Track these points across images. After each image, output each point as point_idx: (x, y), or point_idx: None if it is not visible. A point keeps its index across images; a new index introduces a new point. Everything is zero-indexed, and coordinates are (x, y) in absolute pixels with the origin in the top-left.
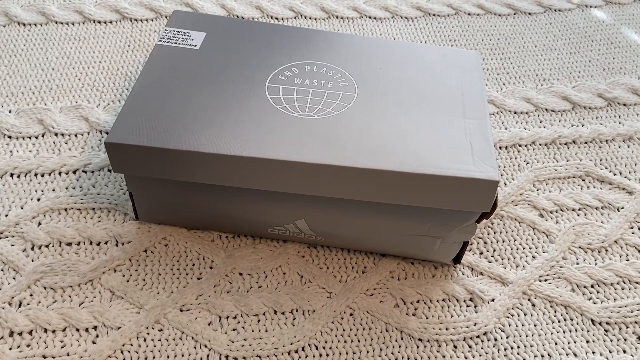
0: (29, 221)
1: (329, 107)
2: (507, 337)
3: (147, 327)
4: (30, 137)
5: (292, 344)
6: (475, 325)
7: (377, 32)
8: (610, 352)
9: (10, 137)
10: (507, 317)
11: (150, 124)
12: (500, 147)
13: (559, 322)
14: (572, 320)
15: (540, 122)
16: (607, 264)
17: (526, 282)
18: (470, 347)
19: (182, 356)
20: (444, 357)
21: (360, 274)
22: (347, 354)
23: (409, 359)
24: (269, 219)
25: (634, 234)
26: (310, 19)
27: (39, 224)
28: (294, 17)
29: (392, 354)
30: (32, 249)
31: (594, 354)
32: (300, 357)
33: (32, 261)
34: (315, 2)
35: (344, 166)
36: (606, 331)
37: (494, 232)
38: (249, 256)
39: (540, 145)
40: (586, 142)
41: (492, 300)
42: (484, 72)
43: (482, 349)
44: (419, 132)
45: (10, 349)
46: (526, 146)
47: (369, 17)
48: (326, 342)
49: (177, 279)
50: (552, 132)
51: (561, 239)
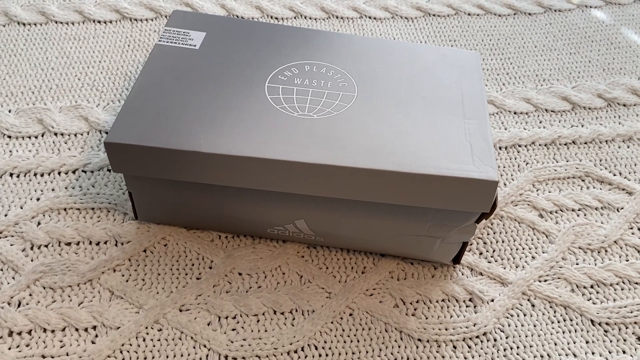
0: (28, 221)
1: (329, 107)
2: (506, 338)
3: (147, 327)
4: (29, 137)
5: (291, 344)
6: (474, 325)
7: (377, 32)
8: (609, 352)
9: (9, 137)
10: (507, 318)
11: (149, 124)
12: (499, 148)
13: (559, 322)
14: (571, 320)
15: (540, 122)
16: (607, 264)
17: (526, 283)
18: (469, 347)
19: (182, 356)
20: (444, 357)
21: (359, 274)
22: (346, 354)
23: (408, 359)
24: (268, 219)
25: (633, 234)
26: (310, 19)
27: (39, 223)
28: (294, 17)
29: (392, 354)
30: (32, 248)
31: (593, 354)
32: (299, 357)
33: (32, 261)
34: (315, 2)
35: (344, 166)
36: (606, 332)
37: (494, 233)
38: (248, 256)
39: (540, 145)
40: (586, 143)
41: (492, 300)
42: (483, 73)
43: (481, 349)
44: (419, 132)
45: (9, 349)
46: (526, 146)
47: (369, 17)
48: (325, 342)
49: (176, 279)
50: (551, 133)
51: (561, 239)
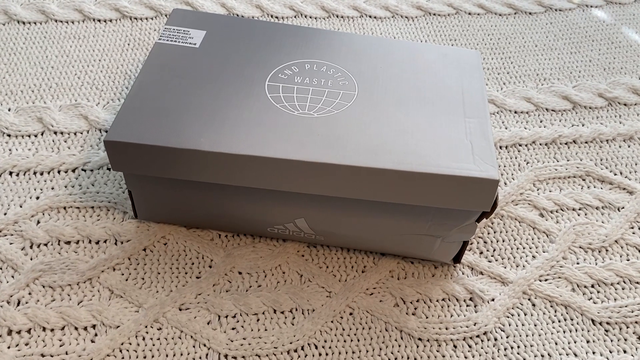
0: (28, 219)
1: (329, 106)
2: (507, 337)
3: (146, 326)
4: (29, 136)
5: (291, 343)
6: (475, 324)
7: (378, 31)
8: (610, 352)
9: (9, 135)
10: (507, 317)
11: (149, 123)
12: (500, 147)
13: (559, 322)
14: (572, 320)
15: (540, 121)
16: (608, 263)
17: (526, 282)
18: (470, 346)
19: (181, 355)
20: (444, 356)
21: (360, 273)
22: (346, 353)
23: (408, 358)
24: (268, 218)
25: (634, 233)
26: (310, 18)
27: (38, 222)
28: (294, 16)
29: (392, 354)
30: (31, 247)
31: (594, 354)
32: (299, 357)
33: (31, 259)
34: (315, 1)
35: (344, 165)
36: (606, 331)
37: (494, 232)
38: (248, 255)
39: (540, 144)
40: (587, 142)
41: (492, 299)
42: (484, 72)
43: (482, 348)
44: (419, 131)
45: (8, 348)
46: (526, 146)
47: (369, 16)
48: (325, 341)
49: (176, 278)
50: (552, 132)
51: (561, 238)
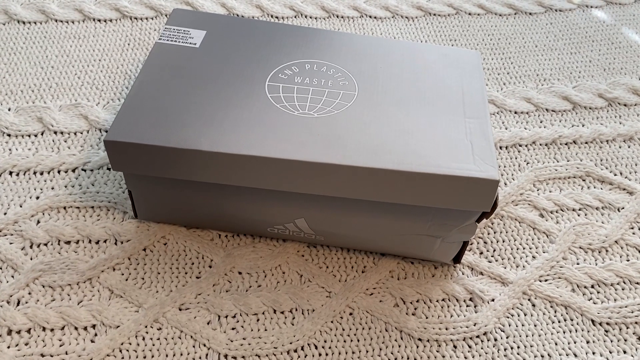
0: (27, 219)
1: (329, 106)
2: (507, 337)
3: (146, 326)
4: (29, 135)
5: (291, 344)
6: (475, 325)
7: (378, 31)
8: (610, 352)
9: (9, 135)
10: (507, 317)
11: (149, 122)
12: (500, 147)
13: (559, 322)
14: (572, 320)
15: (540, 122)
16: (608, 264)
17: (526, 282)
18: (470, 347)
19: (181, 355)
20: (444, 357)
21: (359, 273)
22: (346, 353)
23: (408, 358)
24: (268, 218)
25: (634, 234)
26: (310, 18)
27: (38, 222)
28: (294, 16)
29: (392, 354)
30: (31, 247)
31: (594, 354)
32: (299, 357)
33: (31, 259)
34: (315, 1)
35: (344, 165)
36: (606, 331)
37: (494, 232)
38: (248, 255)
39: (540, 145)
40: (587, 142)
41: (492, 300)
42: (484, 72)
43: (482, 349)
44: (419, 131)
45: (8, 348)
46: (526, 146)
47: (370, 17)
48: (325, 341)
49: (176, 278)
50: (552, 132)
51: (561, 239)
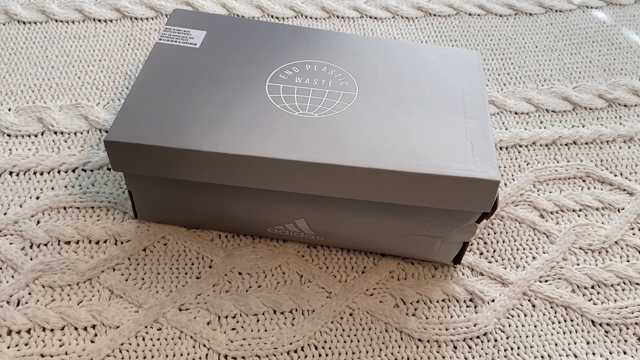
0: (27, 219)
1: (330, 107)
2: (507, 338)
3: (146, 326)
4: (29, 136)
5: (291, 344)
6: (475, 325)
7: (378, 32)
8: (610, 353)
9: (9, 135)
10: (507, 318)
11: (150, 123)
12: (500, 148)
13: (559, 323)
14: (572, 321)
15: (540, 122)
16: (608, 265)
17: (526, 283)
18: (470, 347)
19: (181, 355)
20: (444, 357)
21: (360, 273)
22: (346, 354)
23: (408, 359)
24: (268, 219)
25: (634, 235)
26: (310, 18)
27: (38, 222)
28: (295, 17)
29: (392, 354)
30: (31, 247)
31: (594, 355)
32: (299, 357)
33: (31, 259)
34: (315, 2)
35: (344, 165)
36: (606, 332)
37: (494, 233)
38: (248, 255)
39: (540, 145)
40: (587, 143)
41: (492, 300)
42: (484, 73)
43: (482, 349)
44: (420, 131)
45: (8, 348)
46: (527, 147)
47: (370, 17)
48: (325, 342)
49: (176, 278)
50: (552, 133)
51: (561, 239)
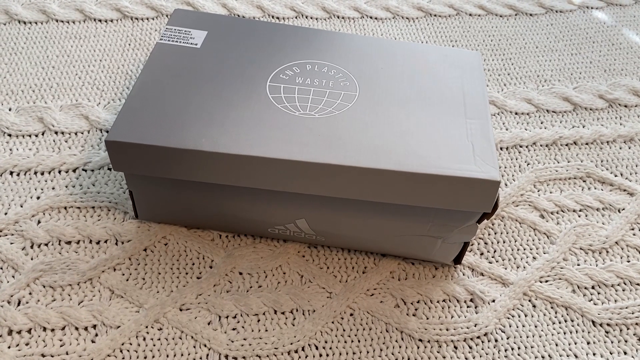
0: (28, 219)
1: (330, 107)
2: (507, 338)
3: (147, 326)
4: (30, 135)
5: (292, 344)
6: (475, 326)
7: (378, 32)
8: (611, 353)
9: (10, 135)
10: (508, 318)
11: (150, 123)
12: (501, 148)
13: (560, 323)
14: (572, 321)
15: (541, 123)
16: (608, 265)
17: (527, 283)
18: (470, 347)
19: (182, 355)
20: (445, 357)
21: (360, 274)
22: (347, 354)
23: (409, 359)
24: (269, 219)
25: (634, 235)
26: (311, 18)
27: (39, 222)
28: (295, 17)
29: (393, 355)
30: (32, 247)
31: (594, 355)
32: (300, 357)
33: (32, 259)
34: (316, 2)
35: (345, 165)
36: (607, 332)
37: (495, 233)
38: (249, 255)
39: (541, 146)
40: (587, 143)
41: (493, 301)
42: (485, 73)
43: (482, 349)
44: (420, 131)
45: (9, 348)
46: (527, 147)
47: (370, 17)
48: (326, 342)
49: (176, 278)
50: (553, 133)
51: (562, 240)
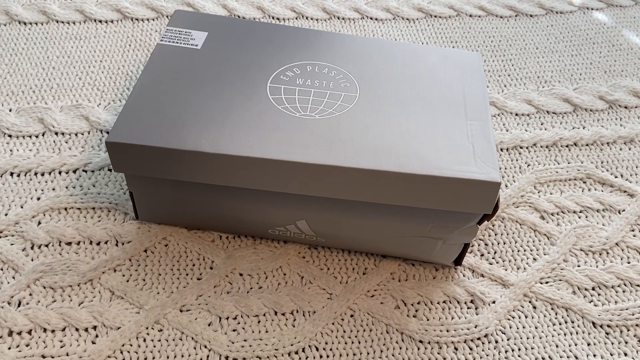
0: (28, 220)
1: (331, 108)
2: (508, 340)
3: (147, 328)
4: (30, 136)
5: (292, 345)
6: (476, 327)
7: (379, 33)
8: (611, 354)
9: (10, 136)
10: (508, 320)
11: (151, 124)
12: (501, 149)
13: (560, 324)
14: (573, 322)
15: (541, 124)
16: (608, 266)
17: (527, 284)
18: (471, 349)
19: (182, 357)
20: (445, 359)
21: (360, 275)
22: (347, 355)
23: None
24: (269, 220)
25: (635, 236)
26: (311, 19)
27: (39, 223)
28: (295, 18)
29: (393, 356)
30: (32, 248)
31: (594, 356)
32: (300, 359)
33: (32, 260)
34: (316, 3)
35: (345, 167)
36: (607, 334)
37: (495, 234)
38: (249, 257)
39: (541, 147)
40: (587, 145)
41: (493, 302)
42: (485, 74)
43: (482, 351)
44: (421, 133)
45: (9, 349)
46: (527, 148)
47: (370, 18)
48: (326, 343)
49: (177, 279)
50: (553, 134)
51: (562, 241)
